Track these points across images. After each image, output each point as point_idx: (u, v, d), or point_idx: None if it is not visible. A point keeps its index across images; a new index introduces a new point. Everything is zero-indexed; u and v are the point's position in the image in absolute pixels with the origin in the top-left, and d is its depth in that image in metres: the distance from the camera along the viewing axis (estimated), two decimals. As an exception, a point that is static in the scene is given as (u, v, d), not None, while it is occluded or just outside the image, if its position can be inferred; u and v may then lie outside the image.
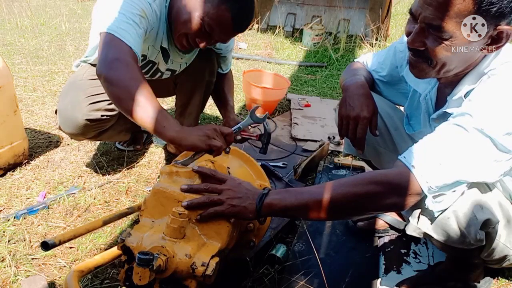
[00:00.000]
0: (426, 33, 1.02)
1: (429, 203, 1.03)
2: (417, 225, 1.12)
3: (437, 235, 1.10)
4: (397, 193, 1.02)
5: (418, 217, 1.11)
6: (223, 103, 1.98)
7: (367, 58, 1.55)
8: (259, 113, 1.52)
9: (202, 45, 1.53)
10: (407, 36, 1.08)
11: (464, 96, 1.07)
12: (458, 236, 1.08)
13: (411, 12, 1.05)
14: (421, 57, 1.07)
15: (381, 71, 1.47)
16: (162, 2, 1.51)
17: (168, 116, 1.22)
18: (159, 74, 1.83)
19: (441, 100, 1.21)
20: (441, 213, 1.06)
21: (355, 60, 1.60)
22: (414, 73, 1.14)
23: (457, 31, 0.97)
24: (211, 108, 2.70)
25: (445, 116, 1.10)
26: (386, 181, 1.02)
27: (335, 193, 1.03)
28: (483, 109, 0.99)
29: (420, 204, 1.07)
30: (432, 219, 1.09)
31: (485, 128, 0.97)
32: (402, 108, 1.54)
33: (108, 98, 1.57)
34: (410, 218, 1.13)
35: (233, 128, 1.32)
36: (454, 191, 1.03)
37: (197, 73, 1.80)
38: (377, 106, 1.41)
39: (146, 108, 1.19)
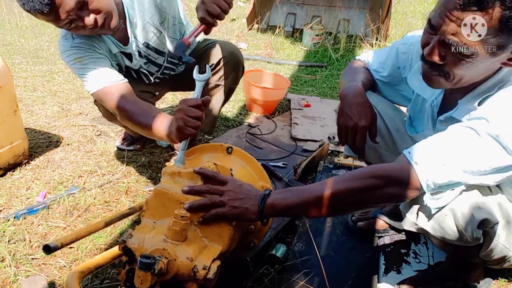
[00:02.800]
0: (446, 47, 0.99)
1: (427, 199, 1.04)
2: (414, 221, 1.13)
3: (433, 232, 1.11)
4: (396, 186, 1.03)
5: (417, 213, 1.12)
6: None
7: (368, 56, 1.54)
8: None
9: (86, 18, 1.45)
10: (424, 46, 1.05)
11: (478, 104, 1.05)
12: (455, 233, 1.08)
13: (430, 23, 1.02)
14: (438, 70, 1.04)
15: (382, 71, 1.47)
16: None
17: (158, 125, 1.43)
18: (163, 69, 1.88)
19: (448, 104, 1.20)
20: (439, 210, 1.07)
21: (356, 58, 1.60)
22: (429, 84, 1.11)
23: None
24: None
25: (454, 120, 1.10)
26: (386, 175, 1.03)
27: (335, 189, 1.03)
28: (501, 116, 0.97)
29: (418, 200, 1.07)
30: (429, 215, 1.09)
31: (501, 135, 0.95)
32: (403, 108, 1.53)
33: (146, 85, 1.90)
34: (407, 214, 1.14)
35: (195, 97, 1.37)
36: (453, 189, 1.04)
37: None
38: (379, 107, 1.41)
39: (149, 131, 1.47)
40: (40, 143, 2.21)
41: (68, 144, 2.23)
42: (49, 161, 2.07)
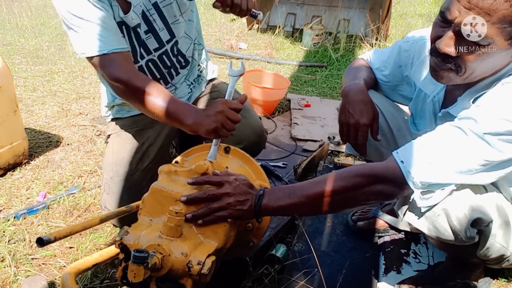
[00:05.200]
0: (461, 38, 0.97)
1: (416, 198, 1.04)
2: (407, 220, 1.13)
3: (428, 232, 1.11)
4: (382, 184, 1.04)
5: (409, 213, 1.12)
6: None
7: (371, 55, 1.54)
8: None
9: None
10: (435, 39, 1.03)
11: (473, 102, 1.05)
12: (449, 233, 1.08)
13: (443, 15, 1.00)
14: (450, 63, 1.02)
15: (384, 69, 1.47)
16: None
17: (180, 107, 1.30)
18: (163, 53, 1.58)
19: (449, 100, 1.20)
20: (430, 209, 1.07)
21: (359, 56, 1.59)
22: (437, 79, 1.09)
23: (497, 37, 0.94)
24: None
25: (451, 117, 1.10)
26: (372, 173, 1.05)
27: (325, 188, 1.05)
28: (489, 115, 0.97)
29: (408, 200, 1.08)
30: (420, 214, 1.09)
31: (487, 133, 0.96)
32: (404, 108, 1.53)
33: None
34: (399, 213, 1.14)
35: (228, 92, 1.35)
36: (443, 189, 1.04)
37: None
38: (381, 106, 1.41)
39: (160, 112, 1.30)
40: (40, 143, 2.21)
41: (68, 144, 2.23)
42: (49, 161, 2.07)
